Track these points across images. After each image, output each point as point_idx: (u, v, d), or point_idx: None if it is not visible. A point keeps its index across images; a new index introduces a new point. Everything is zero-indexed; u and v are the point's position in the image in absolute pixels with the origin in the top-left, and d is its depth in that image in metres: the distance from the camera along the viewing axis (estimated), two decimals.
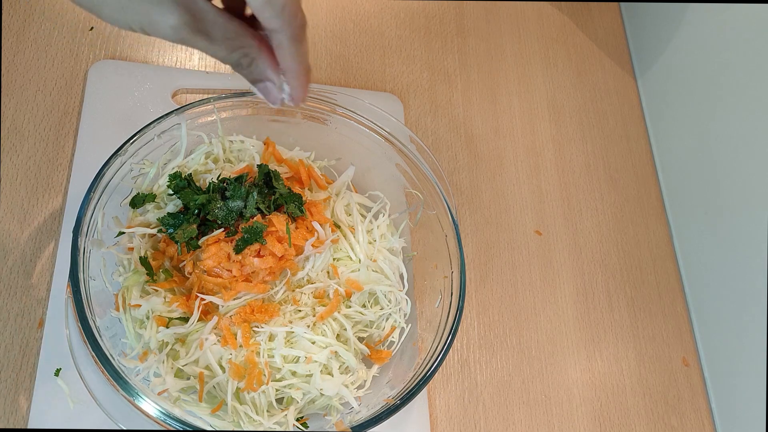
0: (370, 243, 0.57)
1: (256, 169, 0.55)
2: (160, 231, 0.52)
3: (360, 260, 0.56)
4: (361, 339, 0.55)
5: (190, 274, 0.50)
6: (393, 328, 0.56)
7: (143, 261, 0.51)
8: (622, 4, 0.89)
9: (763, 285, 0.61)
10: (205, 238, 0.50)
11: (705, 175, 0.72)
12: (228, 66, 0.39)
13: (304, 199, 0.55)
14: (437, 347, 0.51)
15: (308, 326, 0.51)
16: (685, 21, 0.77)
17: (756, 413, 0.61)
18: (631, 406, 0.66)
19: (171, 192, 0.53)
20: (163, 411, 0.43)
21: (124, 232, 0.52)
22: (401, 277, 0.58)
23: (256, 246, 0.50)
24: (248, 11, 0.40)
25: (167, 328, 0.49)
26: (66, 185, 0.58)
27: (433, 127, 0.73)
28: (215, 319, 0.49)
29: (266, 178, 0.54)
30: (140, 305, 0.49)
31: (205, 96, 0.57)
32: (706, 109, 0.73)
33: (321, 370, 0.51)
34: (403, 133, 0.59)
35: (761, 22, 0.66)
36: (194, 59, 0.68)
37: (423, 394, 0.59)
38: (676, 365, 0.69)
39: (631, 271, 0.73)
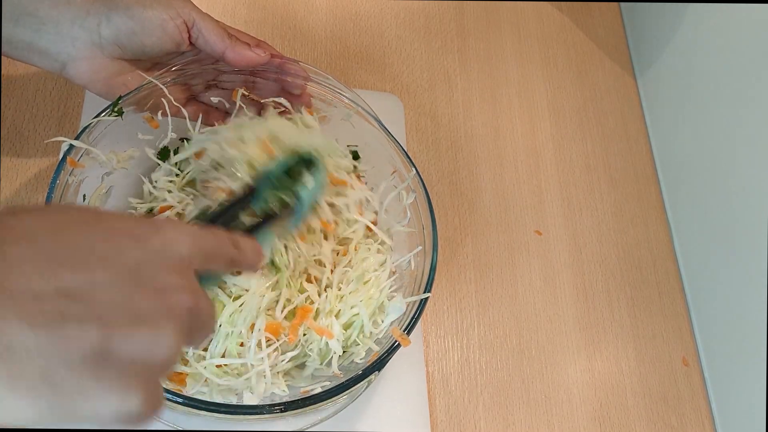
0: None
1: None
2: None
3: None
4: None
5: None
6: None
7: None
8: (622, 4, 0.89)
9: (763, 285, 0.61)
10: None
11: (705, 175, 0.72)
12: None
13: None
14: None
15: None
16: (685, 21, 0.76)
17: (756, 413, 0.61)
18: (631, 406, 0.66)
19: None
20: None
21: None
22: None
23: None
24: None
25: None
26: None
27: (433, 127, 0.73)
28: None
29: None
30: None
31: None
32: (706, 109, 0.73)
33: None
34: None
35: (761, 22, 0.66)
36: None
37: (423, 395, 0.59)
38: (676, 365, 0.69)
39: (631, 271, 0.73)
